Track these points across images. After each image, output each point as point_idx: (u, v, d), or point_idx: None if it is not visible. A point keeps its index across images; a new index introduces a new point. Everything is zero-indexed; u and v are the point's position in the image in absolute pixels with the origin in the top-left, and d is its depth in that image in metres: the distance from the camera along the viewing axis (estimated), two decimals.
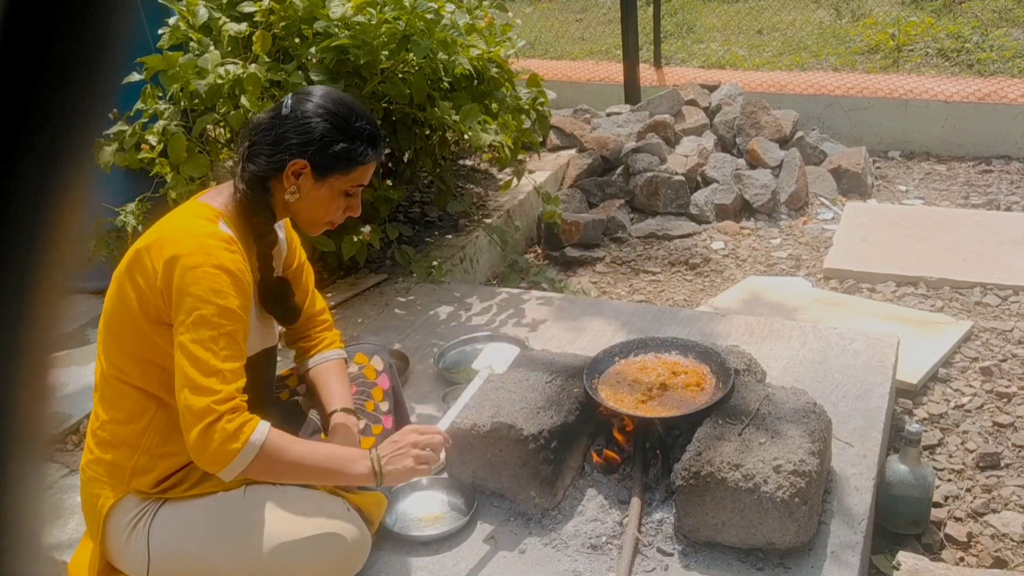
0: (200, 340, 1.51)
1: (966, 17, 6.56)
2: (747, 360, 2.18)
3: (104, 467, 1.67)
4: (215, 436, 1.48)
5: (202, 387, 1.50)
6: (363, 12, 2.74)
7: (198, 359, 1.51)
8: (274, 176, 1.66)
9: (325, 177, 1.67)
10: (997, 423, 2.59)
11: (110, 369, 1.65)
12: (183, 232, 1.57)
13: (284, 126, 1.65)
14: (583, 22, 8.19)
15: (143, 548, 1.65)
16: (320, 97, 1.68)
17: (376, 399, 2.00)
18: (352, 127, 1.67)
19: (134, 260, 1.59)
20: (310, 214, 1.72)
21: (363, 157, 1.68)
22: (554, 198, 3.65)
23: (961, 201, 4.46)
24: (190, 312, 1.51)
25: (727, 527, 1.74)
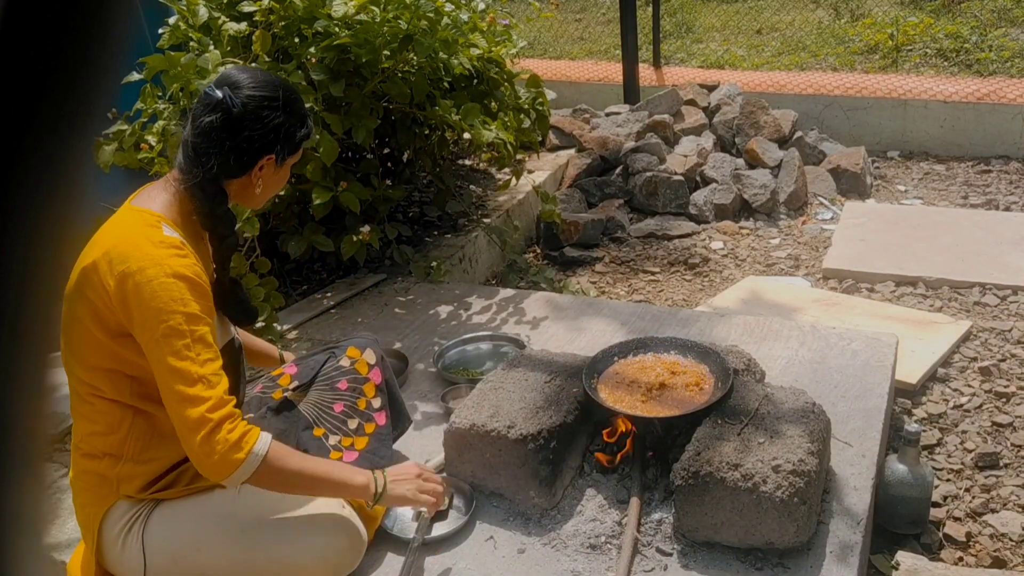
0: (175, 352, 1.48)
1: (965, 17, 6.57)
2: (746, 360, 2.18)
3: (91, 478, 1.65)
4: (217, 447, 1.48)
5: (191, 397, 1.48)
6: (366, 11, 2.74)
7: (179, 371, 1.48)
8: (236, 177, 1.65)
9: (285, 161, 1.70)
10: (996, 423, 2.59)
11: (79, 385, 1.62)
12: (129, 245, 1.51)
13: (242, 128, 1.59)
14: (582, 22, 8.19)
15: (138, 552, 1.64)
16: (256, 87, 1.62)
17: (368, 395, 1.99)
18: (298, 108, 1.68)
19: (81, 279, 1.53)
20: (266, 196, 1.75)
21: (311, 131, 1.73)
22: (553, 197, 3.65)
23: (960, 201, 4.47)
24: (156, 327, 1.48)
25: (726, 527, 1.75)
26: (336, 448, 1.90)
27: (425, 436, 2.26)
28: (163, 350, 1.48)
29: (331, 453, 1.89)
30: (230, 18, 2.78)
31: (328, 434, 1.91)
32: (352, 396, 1.97)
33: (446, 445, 2.01)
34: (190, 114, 1.65)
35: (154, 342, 1.48)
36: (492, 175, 4.35)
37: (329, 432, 1.91)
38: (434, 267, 3.26)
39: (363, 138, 2.84)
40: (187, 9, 2.78)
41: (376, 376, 2.03)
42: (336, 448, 1.90)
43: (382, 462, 1.94)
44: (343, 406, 1.96)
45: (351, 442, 1.93)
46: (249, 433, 1.52)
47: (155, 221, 1.56)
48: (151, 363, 1.51)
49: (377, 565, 1.81)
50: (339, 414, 1.95)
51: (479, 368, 2.58)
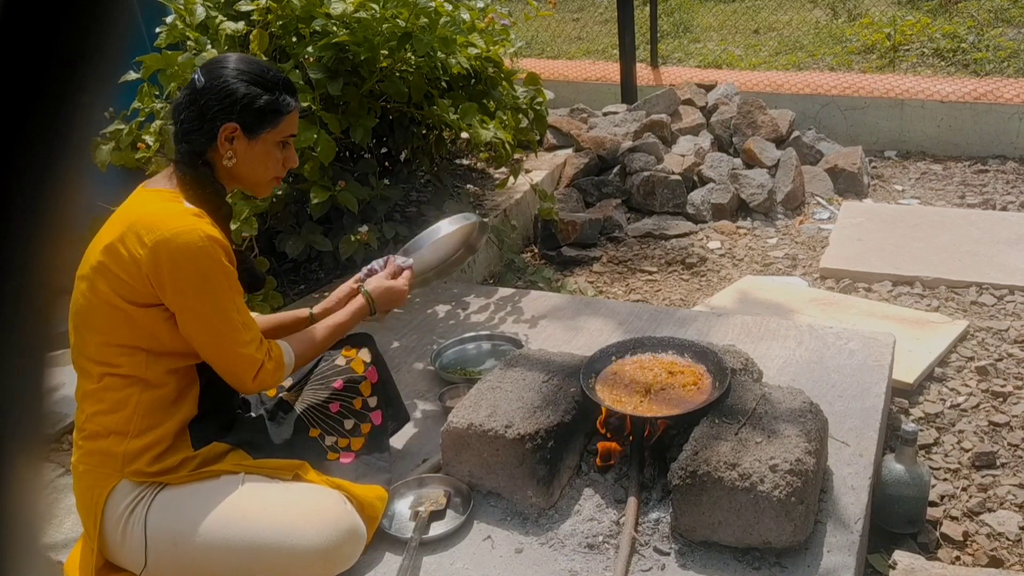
0: (218, 306, 1.64)
1: (962, 17, 6.58)
2: (743, 360, 2.19)
3: (96, 457, 1.69)
4: (266, 379, 1.74)
5: (238, 342, 1.68)
6: (364, 8, 2.74)
7: (225, 321, 1.66)
8: (209, 148, 1.72)
9: (257, 134, 1.74)
10: (993, 422, 2.60)
11: (90, 364, 1.68)
12: (156, 217, 1.61)
13: (204, 97, 1.69)
14: (580, 21, 8.19)
15: (140, 535, 1.66)
16: (228, 61, 1.74)
17: (364, 394, 2.00)
18: (268, 79, 1.74)
19: (105, 255, 1.61)
20: (253, 174, 1.78)
21: (287, 106, 1.76)
22: (550, 197, 3.65)
23: (957, 201, 4.47)
24: (198, 286, 1.61)
25: (724, 526, 1.75)
26: (332, 449, 1.90)
27: (423, 436, 2.26)
28: (208, 306, 1.64)
29: (328, 454, 1.89)
30: (227, 17, 2.78)
31: (324, 435, 1.91)
32: (348, 396, 1.97)
33: (443, 445, 2.01)
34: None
35: (197, 300, 1.63)
36: (490, 175, 4.35)
37: (325, 433, 1.91)
38: None
39: (361, 137, 2.84)
40: (184, 8, 2.78)
41: (372, 375, 2.03)
42: (332, 449, 1.90)
43: (378, 463, 1.94)
44: (339, 406, 1.96)
45: (347, 443, 1.93)
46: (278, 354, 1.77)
47: (173, 197, 1.69)
48: (192, 322, 1.65)
49: (375, 565, 1.81)
50: (335, 414, 1.94)
51: (477, 367, 2.58)
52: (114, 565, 1.72)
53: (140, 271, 1.59)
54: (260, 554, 1.65)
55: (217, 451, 1.76)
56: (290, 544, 1.65)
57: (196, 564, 1.68)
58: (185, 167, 1.71)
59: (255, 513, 1.67)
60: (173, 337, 1.68)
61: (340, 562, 1.72)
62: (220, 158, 1.73)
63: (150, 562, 1.67)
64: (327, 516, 1.70)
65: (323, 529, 1.68)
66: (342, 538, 1.70)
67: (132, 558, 1.68)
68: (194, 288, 1.61)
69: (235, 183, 1.81)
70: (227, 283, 1.65)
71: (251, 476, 1.74)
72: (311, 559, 1.67)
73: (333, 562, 1.71)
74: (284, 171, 1.84)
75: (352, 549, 1.74)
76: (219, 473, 1.73)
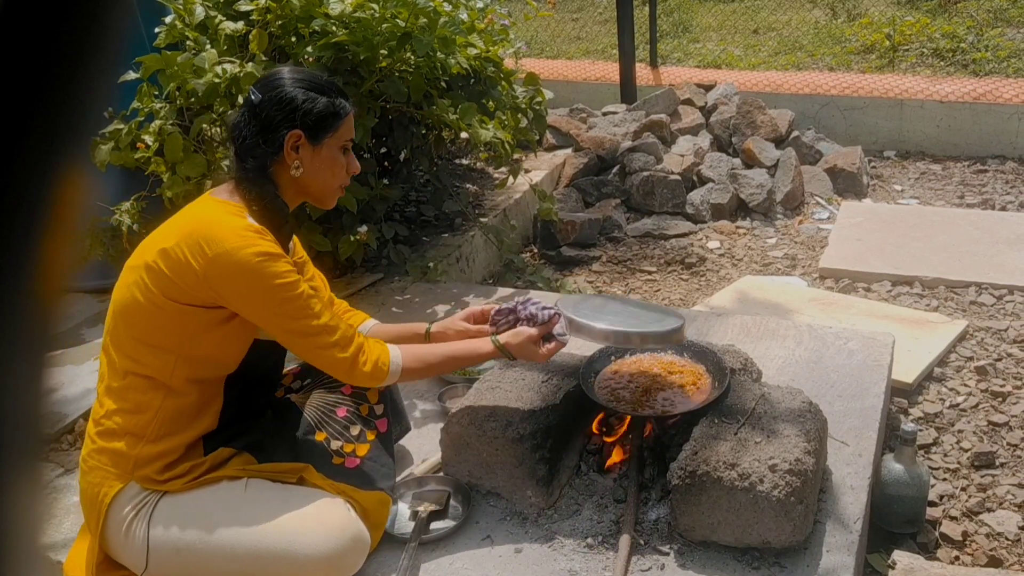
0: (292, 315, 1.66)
1: (961, 17, 6.58)
2: (743, 359, 2.19)
3: (107, 456, 1.68)
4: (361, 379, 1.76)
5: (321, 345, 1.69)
6: (364, 8, 2.74)
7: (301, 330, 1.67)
8: (274, 160, 1.72)
9: (320, 140, 1.74)
10: (992, 422, 2.60)
11: (122, 360, 1.69)
12: (219, 227, 1.63)
13: (265, 109, 1.70)
14: (579, 21, 8.19)
15: (143, 539, 1.65)
16: (281, 73, 1.76)
17: (371, 401, 2.00)
18: (323, 84, 1.76)
19: (161, 258, 1.63)
20: (320, 182, 1.79)
21: (344, 108, 1.77)
22: (550, 197, 3.65)
23: (956, 201, 4.47)
24: (268, 300, 1.64)
25: (723, 526, 1.75)
26: (338, 453, 1.90)
27: (422, 435, 2.26)
28: (281, 319, 1.66)
29: (333, 459, 1.89)
30: (227, 17, 2.78)
31: (330, 439, 1.91)
32: (355, 401, 1.97)
33: (443, 444, 2.01)
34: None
35: (270, 314, 1.66)
36: (489, 174, 4.35)
37: (331, 437, 1.91)
38: (431, 266, 3.25)
39: (360, 137, 2.84)
40: (184, 8, 2.78)
41: None
42: (338, 453, 1.90)
43: (383, 470, 1.93)
44: (346, 411, 1.95)
45: (352, 448, 1.93)
46: (381, 358, 1.76)
47: (238, 211, 1.70)
48: (271, 332, 1.70)
49: (374, 565, 1.81)
50: (342, 419, 1.94)
51: (476, 368, 2.57)
52: (114, 561, 1.72)
53: (196, 278, 1.60)
54: (264, 561, 1.65)
55: (223, 455, 1.76)
56: (295, 551, 1.65)
57: (199, 570, 1.68)
58: (249, 184, 1.71)
59: (259, 520, 1.67)
60: (209, 341, 1.69)
61: (344, 569, 1.72)
62: (285, 172, 1.73)
63: (151, 566, 1.67)
64: (332, 523, 1.69)
65: (328, 536, 1.67)
66: (347, 546, 1.70)
67: (133, 560, 1.68)
68: (261, 301, 1.64)
69: (301, 196, 1.81)
70: (291, 293, 1.65)
71: (255, 481, 1.73)
72: (316, 566, 1.66)
73: (338, 570, 1.70)
74: (348, 178, 1.83)
75: (356, 557, 1.74)
76: (221, 479, 1.72)
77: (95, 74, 0.32)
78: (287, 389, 2.04)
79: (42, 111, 0.31)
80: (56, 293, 0.34)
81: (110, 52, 0.33)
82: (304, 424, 1.93)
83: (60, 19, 0.31)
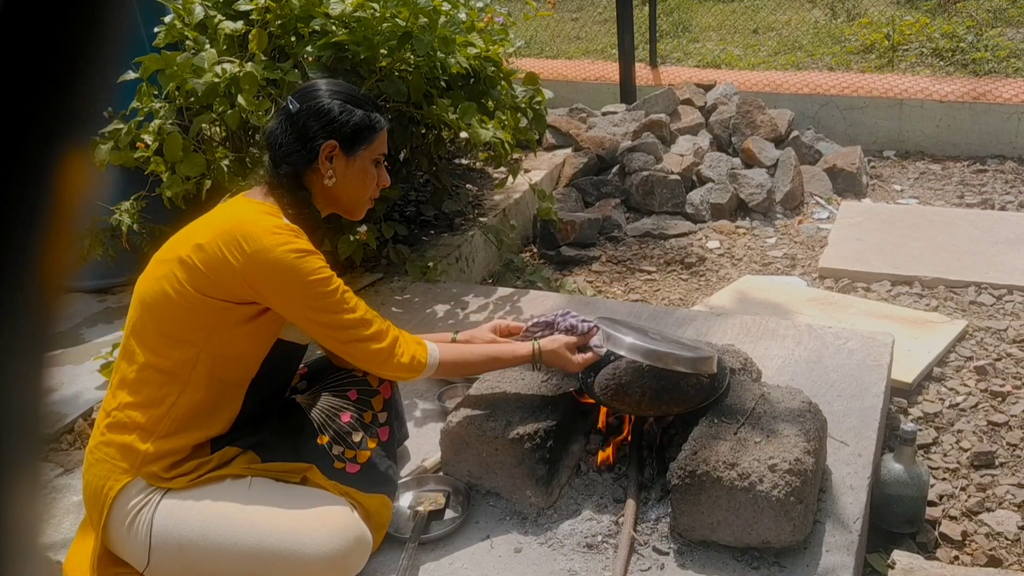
0: (329, 310, 1.69)
1: (961, 17, 6.58)
2: (742, 359, 2.19)
3: (116, 449, 1.69)
4: (398, 372, 1.78)
5: (357, 340, 1.72)
6: (363, 8, 2.74)
7: (338, 325, 1.70)
8: (308, 169, 1.76)
9: (355, 152, 1.79)
10: (992, 422, 2.60)
11: (144, 352, 1.70)
12: (256, 227, 1.66)
13: (302, 119, 1.75)
14: (579, 21, 8.19)
15: (145, 536, 1.66)
16: (320, 85, 1.81)
17: (375, 408, 1.99)
18: (360, 98, 1.81)
19: (196, 253, 1.66)
20: (352, 193, 1.83)
21: (379, 123, 1.82)
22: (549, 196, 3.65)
23: (956, 201, 4.48)
24: (304, 297, 1.67)
25: (723, 526, 1.75)
26: (339, 459, 1.90)
27: (422, 435, 2.26)
28: (318, 314, 1.69)
29: (335, 463, 1.88)
30: (226, 17, 2.77)
31: (332, 443, 1.90)
32: (360, 408, 1.97)
33: (443, 444, 2.01)
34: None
35: (307, 309, 1.68)
36: (489, 174, 4.35)
37: (333, 442, 1.91)
38: (431, 266, 3.25)
39: None
40: (183, 8, 2.78)
41: (386, 390, 2.02)
42: (339, 459, 1.90)
43: (384, 474, 1.93)
44: (350, 417, 1.95)
45: (354, 455, 1.93)
46: (418, 352, 1.79)
47: (273, 211, 1.74)
48: (307, 328, 1.72)
49: (373, 564, 1.81)
50: (345, 424, 1.94)
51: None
52: (115, 556, 1.72)
53: (233, 273, 1.63)
54: (267, 560, 1.65)
55: (229, 454, 1.76)
56: (297, 551, 1.65)
57: (201, 568, 1.68)
58: (283, 190, 1.76)
59: (263, 519, 1.67)
60: (234, 338, 1.70)
61: (347, 570, 1.72)
62: (318, 181, 1.78)
63: (153, 562, 1.67)
64: (336, 524, 1.70)
65: (331, 537, 1.68)
66: (350, 547, 1.70)
67: (135, 555, 1.69)
68: (298, 298, 1.67)
69: (332, 206, 1.86)
70: (327, 288, 1.69)
71: (259, 480, 1.74)
72: (318, 567, 1.66)
73: (340, 570, 1.70)
74: (378, 191, 1.88)
75: (359, 558, 1.74)
76: (225, 477, 1.72)
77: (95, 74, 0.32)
78: (293, 389, 2.04)
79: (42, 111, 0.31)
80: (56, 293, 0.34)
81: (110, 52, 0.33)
82: (308, 426, 1.92)
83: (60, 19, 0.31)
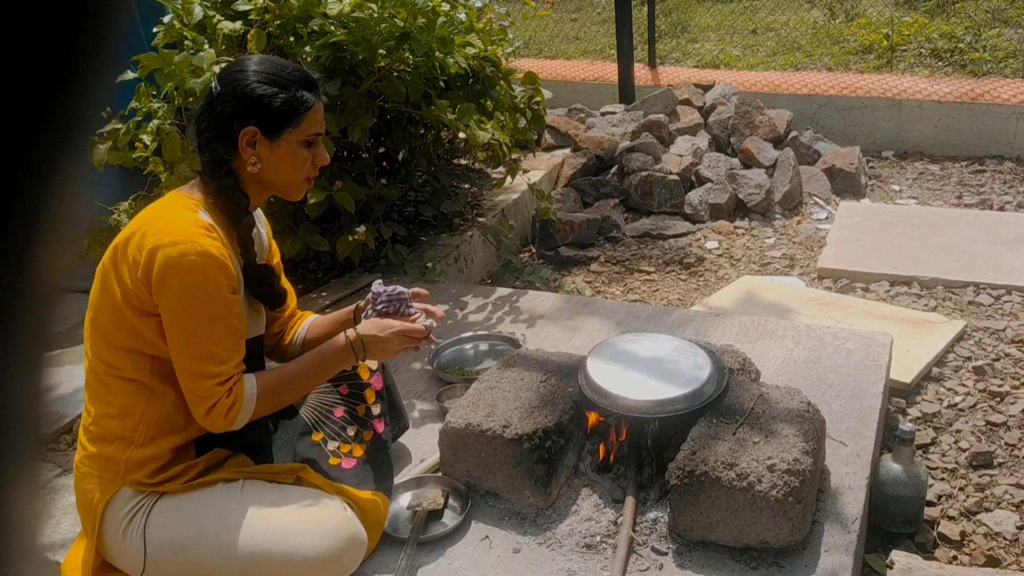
0: (191, 328, 1.57)
1: (959, 17, 6.58)
2: (741, 359, 2.19)
3: (98, 462, 1.67)
4: (218, 413, 1.62)
5: (202, 373, 1.59)
6: (362, 8, 2.74)
7: (193, 346, 1.58)
8: (231, 155, 1.67)
9: (278, 135, 1.67)
10: (990, 422, 2.60)
11: (99, 364, 1.66)
12: (164, 221, 1.59)
13: (220, 103, 1.66)
14: (578, 22, 8.19)
15: (139, 542, 1.65)
16: (245, 64, 1.69)
17: (368, 401, 1.99)
18: (283, 78, 1.67)
19: (118, 252, 1.60)
20: (281, 177, 1.72)
21: (306, 103, 1.69)
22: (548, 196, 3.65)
23: (954, 201, 4.48)
24: (178, 302, 1.56)
25: (721, 526, 1.75)
26: (335, 454, 1.90)
27: (421, 435, 2.26)
28: (180, 324, 1.57)
29: (330, 459, 1.88)
30: (225, 17, 2.77)
31: (327, 439, 1.91)
32: (352, 401, 1.97)
33: (441, 445, 2.01)
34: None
35: (174, 315, 1.57)
36: (487, 174, 4.35)
37: (328, 437, 1.91)
38: (429, 266, 3.25)
39: (358, 137, 2.84)
40: (182, 8, 2.78)
41: (377, 382, 2.02)
42: (335, 454, 1.90)
43: (380, 470, 1.93)
44: (343, 411, 1.95)
45: (349, 449, 1.93)
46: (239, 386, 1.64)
47: (193, 205, 1.65)
48: (168, 334, 1.60)
49: (372, 564, 1.81)
50: (339, 419, 1.94)
51: (474, 367, 2.58)
52: (111, 566, 1.72)
53: (138, 275, 1.57)
54: (261, 563, 1.65)
55: (219, 457, 1.75)
56: (291, 553, 1.65)
57: (196, 573, 1.67)
58: (208, 178, 1.68)
59: (256, 522, 1.66)
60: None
61: (341, 570, 1.72)
62: (244, 166, 1.69)
63: (148, 569, 1.67)
64: (328, 524, 1.69)
65: (324, 537, 1.67)
66: (344, 546, 1.70)
67: (131, 563, 1.68)
68: (173, 302, 1.56)
69: (266, 190, 1.76)
70: (208, 307, 1.57)
71: (251, 482, 1.73)
72: (313, 567, 1.66)
73: (335, 570, 1.70)
74: (315, 170, 1.77)
75: (353, 557, 1.73)
76: (217, 481, 1.71)
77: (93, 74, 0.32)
78: None
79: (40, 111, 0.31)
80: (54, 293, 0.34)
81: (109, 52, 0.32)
82: (301, 425, 1.92)
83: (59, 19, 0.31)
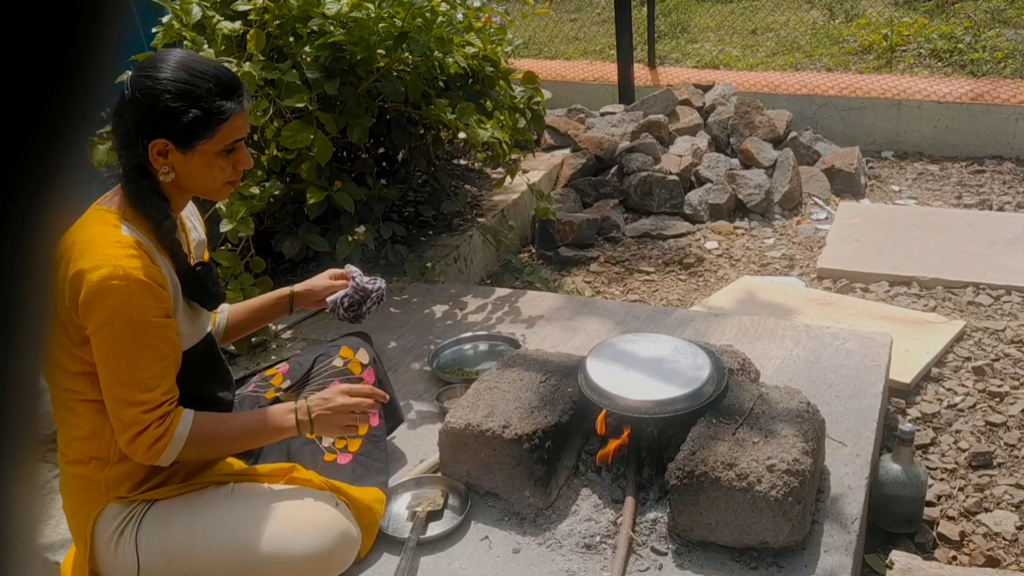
0: (117, 355, 1.51)
1: (959, 18, 6.58)
2: (741, 359, 2.19)
3: (78, 483, 1.66)
4: (144, 441, 1.55)
5: (127, 400, 1.53)
6: (360, 8, 2.74)
7: (118, 373, 1.52)
8: (146, 161, 1.58)
9: (191, 147, 1.58)
10: (990, 422, 2.60)
11: (59, 391, 1.61)
12: (87, 244, 1.51)
13: (129, 111, 1.56)
14: (577, 22, 8.19)
15: (132, 553, 1.64)
16: (160, 68, 1.57)
17: None
18: (198, 89, 1.56)
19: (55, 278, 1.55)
20: (198, 185, 1.64)
21: (221, 115, 1.58)
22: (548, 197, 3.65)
23: (954, 201, 4.48)
24: (101, 328, 1.49)
25: (721, 526, 1.75)
26: (330, 450, 1.90)
27: (420, 436, 2.26)
28: (106, 350, 1.51)
29: (325, 455, 1.88)
30: (224, 17, 2.77)
31: (321, 436, 1.90)
32: None
33: (441, 445, 2.01)
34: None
35: (99, 340, 1.51)
36: (487, 175, 4.35)
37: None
38: (429, 267, 3.25)
39: (358, 137, 2.84)
40: (181, 8, 2.78)
41: (369, 376, 2.02)
42: (330, 450, 1.90)
43: (376, 465, 1.93)
44: None
45: (344, 444, 1.93)
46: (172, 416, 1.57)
47: (114, 220, 1.56)
48: (96, 359, 1.53)
49: (372, 565, 1.81)
50: None
51: (474, 368, 2.58)
52: None
53: (66, 302, 1.50)
54: (254, 565, 1.65)
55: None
56: (283, 553, 1.65)
57: None
58: (125, 181, 1.60)
59: (247, 525, 1.66)
60: None
61: (334, 567, 1.72)
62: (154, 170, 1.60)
63: None
64: (319, 522, 1.69)
65: (315, 536, 1.67)
66: (335, 543, 1.69)
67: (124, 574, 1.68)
68: (97, 328, 1.50)
69: (185, 193, 1.68)
70: (133, 332, 1.50)
71: (240, 485, 1.72)
72: (305, 566, 1.66)
73: (328, 568, 1.70)
74: (237, 175, 1.67)
75: (345, 553, 1.73)
76: (207, 485, 1.71)
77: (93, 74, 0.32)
78: (277, 389, 2.04)
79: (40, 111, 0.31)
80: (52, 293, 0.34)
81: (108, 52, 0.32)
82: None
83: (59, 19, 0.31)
